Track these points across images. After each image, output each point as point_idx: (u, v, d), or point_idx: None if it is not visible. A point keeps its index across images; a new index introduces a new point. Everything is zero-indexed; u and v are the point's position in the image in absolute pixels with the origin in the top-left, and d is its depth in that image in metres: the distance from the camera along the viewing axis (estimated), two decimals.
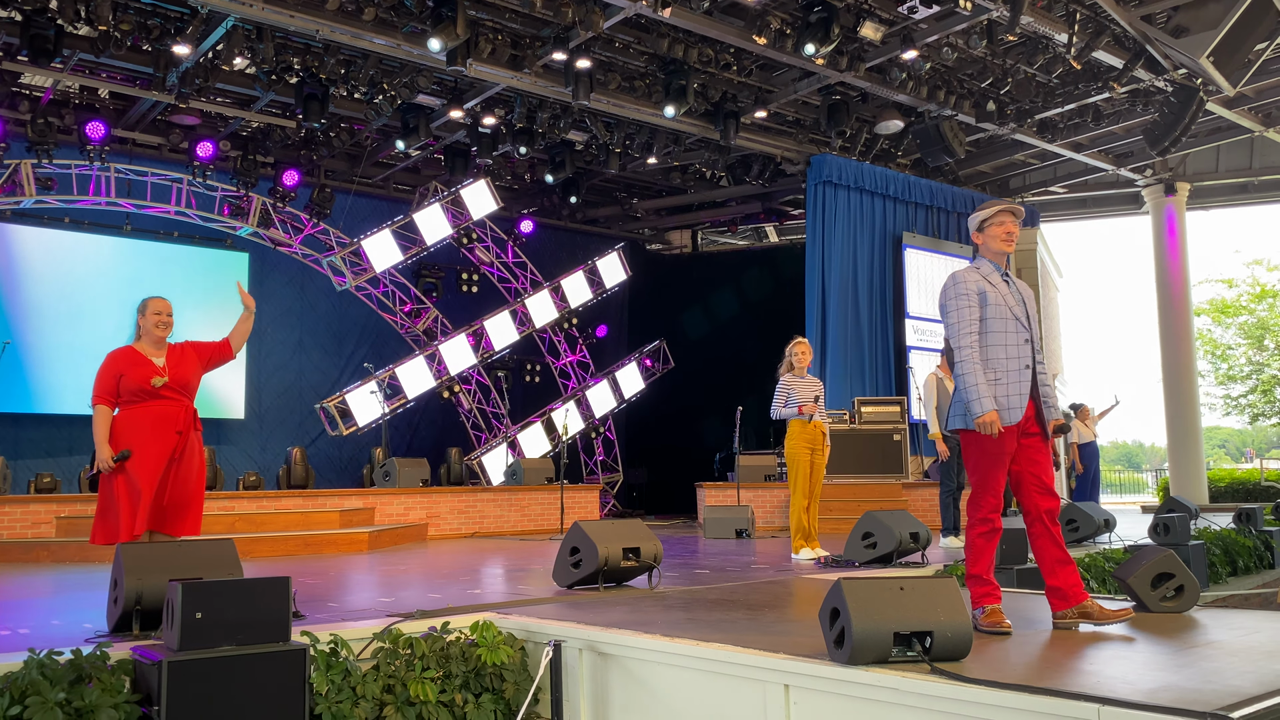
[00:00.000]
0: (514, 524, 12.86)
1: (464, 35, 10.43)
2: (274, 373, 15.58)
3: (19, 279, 13.49)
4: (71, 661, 3.55)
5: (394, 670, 4.00)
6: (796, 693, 3.46)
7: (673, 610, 4.86)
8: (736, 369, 16.60)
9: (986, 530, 4.29)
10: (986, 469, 4.28)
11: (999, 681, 3.00)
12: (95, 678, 3.53)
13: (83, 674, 3.53)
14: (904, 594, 3.45)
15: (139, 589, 4.24)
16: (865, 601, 3.36)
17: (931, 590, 3.49)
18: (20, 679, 3.39)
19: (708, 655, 3.71)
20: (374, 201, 16.25)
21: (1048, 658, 3.55)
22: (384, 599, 5.64)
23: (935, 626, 3.39)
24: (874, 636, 3.31)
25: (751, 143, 14.47)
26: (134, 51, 11.57)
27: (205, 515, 9.98)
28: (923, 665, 3.30)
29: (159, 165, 13.86)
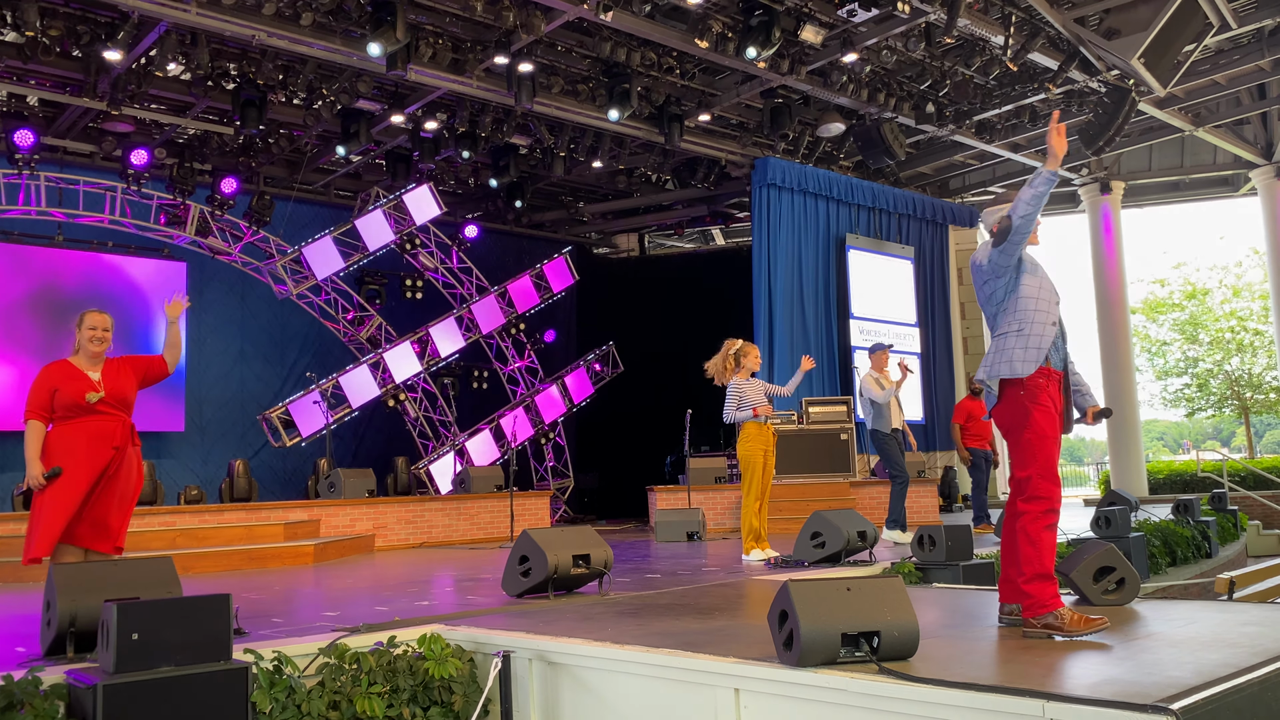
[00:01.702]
0: (463, 533, 12.73)
1: (404, 39, 10.32)
2: (215, 384, 15.27)
3: None
4: (2, 687, 3.44)
5: (340, 686, 3.93)
6: (747, 696, 3.46)
7: (623, 617, 4.84)
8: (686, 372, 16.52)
9: (1052, 522, 3.99)
10: (1048, 452, 4.01)
11: (946, 680, 3.02)
12: (28, 704, 3.42)
13: (14, 700, 3.42)
14: (851, 594, 3.47)
15: (73, 610, 4.11)
16: (813, 603, 3.37)
17: (878, 590, 3.51)
18: None
19: (657, 661, 3.69)
20: (315, 208, 16.01)
21: (993, 654, 3.59)
22: (330, 613, 5.54)
23: (882, 626, 3.41)
24: (822, 638, 3.32)
25: (696, 146, 14.52)
26: (63, 57, 11.28)
27: (146, 531, 9.79)
28: (871, 665, 3.31)
29: (91, 173, 13.53)
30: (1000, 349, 4.11)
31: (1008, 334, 4.11)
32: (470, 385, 17.30)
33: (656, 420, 16.73)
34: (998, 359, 4.11)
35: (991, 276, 4.18)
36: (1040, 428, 4.02)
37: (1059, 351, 4.17)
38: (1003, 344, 4.11)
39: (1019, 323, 4.09)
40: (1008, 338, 4.11)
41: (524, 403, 16.51)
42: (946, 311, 17.27)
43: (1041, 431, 4.02)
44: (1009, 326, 4.12)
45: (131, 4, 9.78)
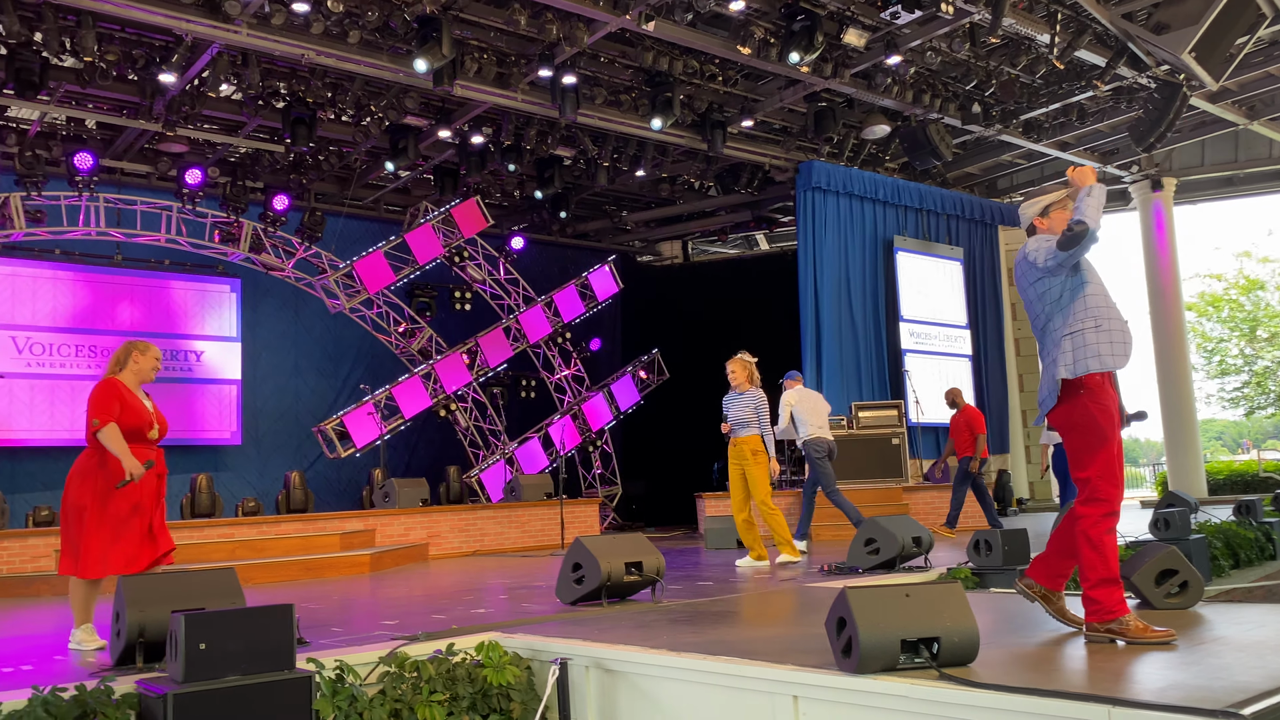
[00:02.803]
0: (514, 541, 12.83)
1: (449, 55, 10.45)
2: (270, 397, 15.56)
3: (11, 311, 13.46)
4: (76, 697, 3.53)
5: (400, 694, 3.98)
6: (806, 703, 3.46)
7: (678, 624, 4.85)
8: None
9: (1114, 525, 3.92)
10: (1109, 454, 3.94)
11: (1008, 685, 2.99)
12: (100, 713, 3.51)
13: (87, 709, 3.51)
14: (910, 600, 3.45)
15: (141, 621, 4.22)
16: (871, 609, 3.35)
17: (937, 595, 3.49)
18: (25, 717, 3.37)
19: (715, 669, 3.70)
20: (365, 223, 16.25)
21: (1055, 659, 3.55)
22: (388, 622, 5.62)
23: (942, 632, 3.39)
24: (881, 644, 3.30)
25: (739, 152, 14.51)
26: (120, 81, 11.57)
27: (206, 543, 10.01)
28: (931, 671, 3.29)
29: (148, 194, 13.85)
30: (1082, 344, 3.96)
31: (1085, 330, 3.98)
32: (519, 394, 17.42)
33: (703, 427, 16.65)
34: (1084, 354, 3.95)
35: (1046, 274, 4.07)
36: (1102, 429, 3.95)
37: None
38: (1081, 340, 3.97)
39: (1094, 319, 3.98)
40: (1085, 334, 3.97)
41: (571, 411, 16.59)
42: (998, 312, 17.06)
43: (1103, 433, 3.94)
44: (1084, 323, 3.99)
45: (184, 27, 10.02)
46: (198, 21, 9.88)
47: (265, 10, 10.07)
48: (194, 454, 14.45)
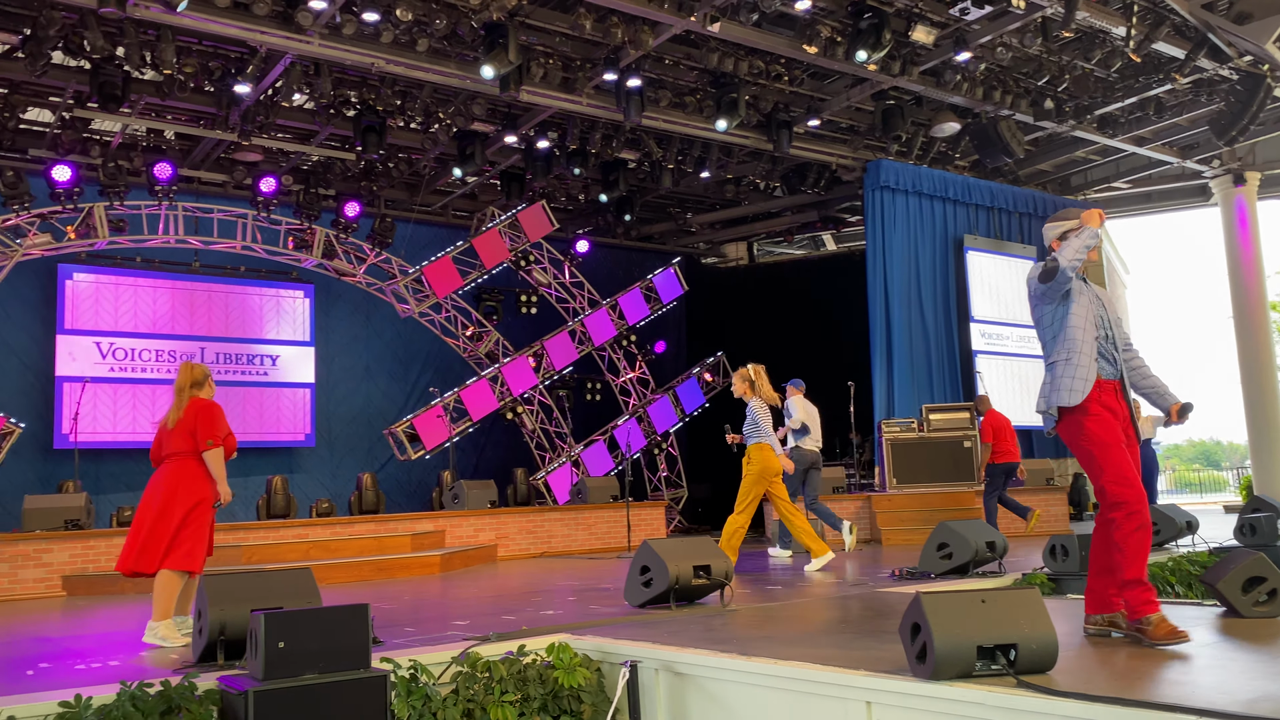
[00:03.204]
0: (581, 543, 12.88)
1: (516, 61, 10.55)
2: (343, 400, 15.86)
3: (95, 318, 13.91)
4: (161, 693, 3.63)
5: (473, 694, 4.03)
6: (879, 709, 3.41)
7: (747, 628, 4.82)
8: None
9: (1138, 525, 3.98)
10: (1112, 458, 4.07)
11: (1090, 694, 2.92)
12: (185, 708, 3.61)
13: (172, 705, 3.61)
14: (986, 606, 3.39)
15: (222, 620, 4.33)
16: (946, 615, 3.30)
17: (1014, 601, 3.42)
18: (114, 711, 3.48)
19: (786, 673, 3.67)
20: (433, 229, 16.48)
21: (1137, 668, 3.46)
22: (459, 622, 5.68)
23: (1020, 638, 3.32)
24: (957, 650, 3.25)
25: (806, 151, 14.40)
26: (197, 93, 11.89)
27: (281, 544, 10.23)
28: (1009, 678, 3.23)
29: (224, 202, 14.21)
30: (1056, 378, 4.31)
31: (1058, 363, 4.32)
32: (584, 397, 17.50)
33: None
34: (1055, 389, 4.30)
35: (1041, 302, 4.43)
36: (1096, 436, 4.15)
37: (1112, 362, 4.32)
38: (1055, 373, 4.32)
39: (1067, 351, 4.29)
40: (1058, 366, 4.32)
41: (636, 413, 16.62)
42: None
43: (1099, 439, 4.14)
44: (1059, 355, 4.33)
45: (259, 39, 10.26)
46: (271, 33, 10.12)
47: (336, 20, 10.27)
48: (269, 456, 14.78)
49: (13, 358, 13.41)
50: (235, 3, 9.83)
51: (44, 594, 9.28)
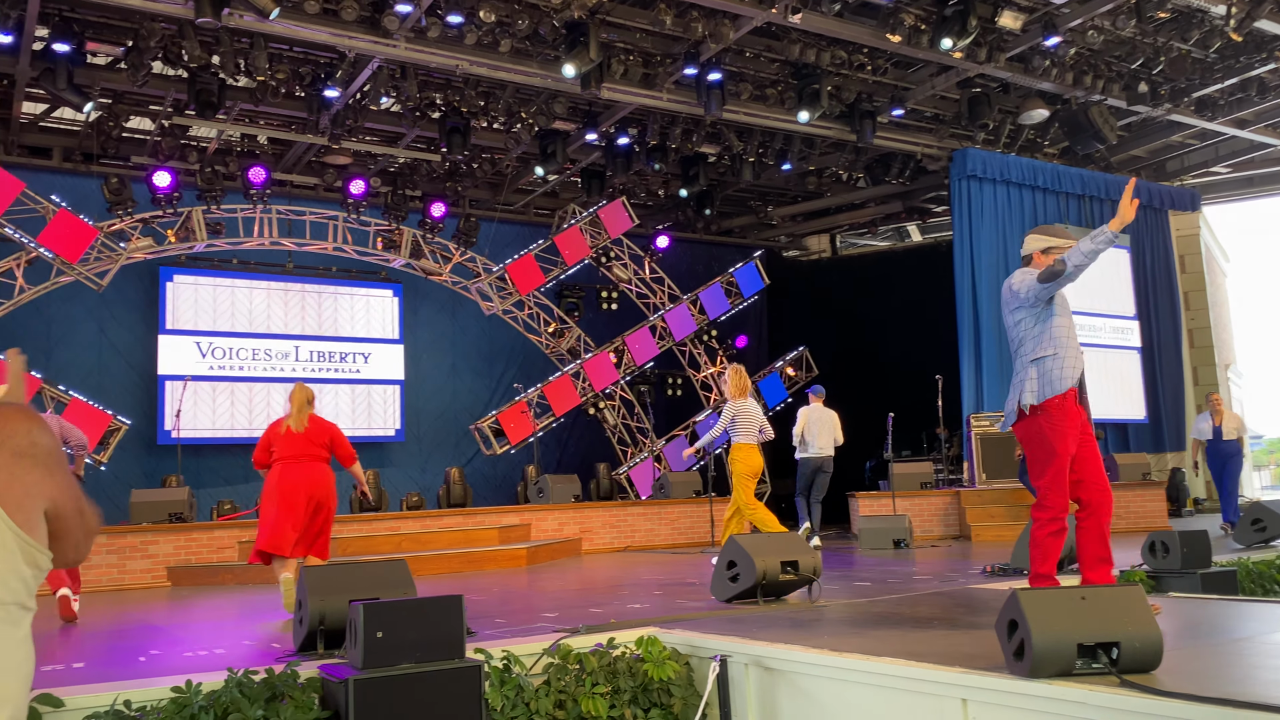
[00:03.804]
0: (664, 537, 12.92)
1: (597, 59, 10.61)
2: (430, 396, 16.18)
3: (195, 318, 14.42)
4: (266, 680, 3.76)
5: (564, 685, 4.08)
6: (975, 707, 3.36)
7: (837, 624, 4.79)
8: (884, 374, 16.24)
9: (1056, 530, 4.47)
10: (1057, 467, 4.45)
11: (1198, 695, 2.83)
12: (288, 695, 3.73)
13: (276, 692, 3.74)
14: (1086, 603, 3.31)
15: (322, 610, 4.45)
16: (1045, 612, 3.23)
17: (1116, 599, 3.33)
18: (222, 697, 3.62)
19: (880, 669, 3.64)
20: (516, 227, 16.68)
21: (1243, 667, 3.34)
22: (548, 614, 5.75)
23: (1122, 637, 3.23)
24: (1056, 648, 3.18)
25: (890, 141, 14.19)
26: (288, 98, 12.24)
27: (375, 536, 10.49)
28: (1110, 677, 3.15)
29: (315, 204, 14.59)
30: (1044, 371, 4.52)
31: (1045, 358, 4.54)
32: (665, 392, 17.52)
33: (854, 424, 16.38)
34: (1045, 380, 4.50)
35: (1024, 305, 4.63)
36: (1051, 445, 4.47)
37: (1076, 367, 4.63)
38: (1044, 367, 4.53)
39: (1054, 346, 4.54)
40: (1045, 361, 4.54)
41: (718, 409, 16.57)
42: (1172, 302, 16.12)
43: (1053, 449, 4.46)
44: (1044, 350, 4.55)
45: (347, 44, 10.51)
46: (359, 37, 10.35)
47: (422, 24, 10.46)
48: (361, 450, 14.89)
49: (118, 358, 13.97)
50: (324, 9, 10.08)
51: (150, 584, 9.67)
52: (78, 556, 1.76)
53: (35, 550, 1.60)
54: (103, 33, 10.77)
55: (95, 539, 1.80)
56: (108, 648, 5.37)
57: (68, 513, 1.68)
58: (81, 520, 1.72)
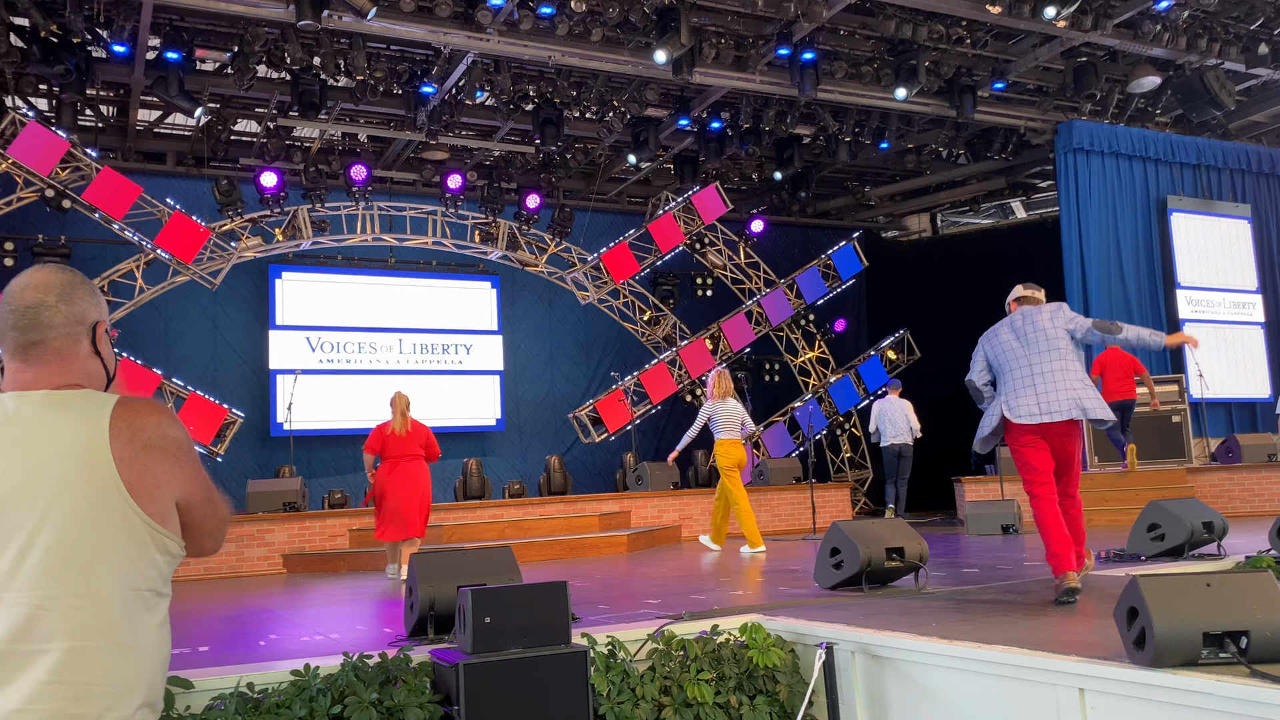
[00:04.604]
0: (764, 524, 12.84)
1: (688, 43, 10.56)
2: (529, 386, 16.40)
3: (304, 314, 14.89)
4: (379, 664, 3.86)
5: (669, 672, 4.09)
6: (1093, 697, 3.25)
7: (946, 611, 4.69)
8: None
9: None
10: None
11: None
12: (401, 679, 3.82)
13: (390, 675, 3.84)
14: (1212, 590, 3.17)
15: (432, 595, 4.55)
16: (1167, 599, 3.11)
17: (1244, 586, 3.18)
18: (339, 680, 3.73)
19: (992, 658, 3.55)
20: (610, 216, 16.75)
21: None
22: (651, 601, 5.77)
23: (1252, 625, 3.09)
24: (1180, 637, 3.05)
25: (991, 116, 13.78)
26: (387, 96, 12.50)
27: (479, 523, 10.68)
28: (1239, 667, 3.01)
29: (415, 200, 14.89)
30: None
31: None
32: (762, 378, 17.39)
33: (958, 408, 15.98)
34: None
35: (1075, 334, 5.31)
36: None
37: None
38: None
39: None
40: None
41: (817, 394, 16.40)
42: None
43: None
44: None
45: (442, 40, 10.69)
46: (453, 33, 10.50)
47: (514, 17, 10.56)
48: (463, 440, 15.44)
49: (232, 353, 14.52)
50: (419, 6, 10.25)
51: (267, 571, 10.04)
52: (212, 546, 1.82)
53: (166, 538, 1.67)
54: (210, 39, 11.17)
55: (227, 530, 1.86)
56: (230, 632, 5.60)
57: (198, 503, 1.74)
58: (213, 511, 1.78)
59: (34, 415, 1.65)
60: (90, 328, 1.79)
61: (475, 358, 15.96)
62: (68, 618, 1.54)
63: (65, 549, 1.57)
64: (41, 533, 1.57)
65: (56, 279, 1.78)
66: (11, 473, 1.60)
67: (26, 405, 1.67)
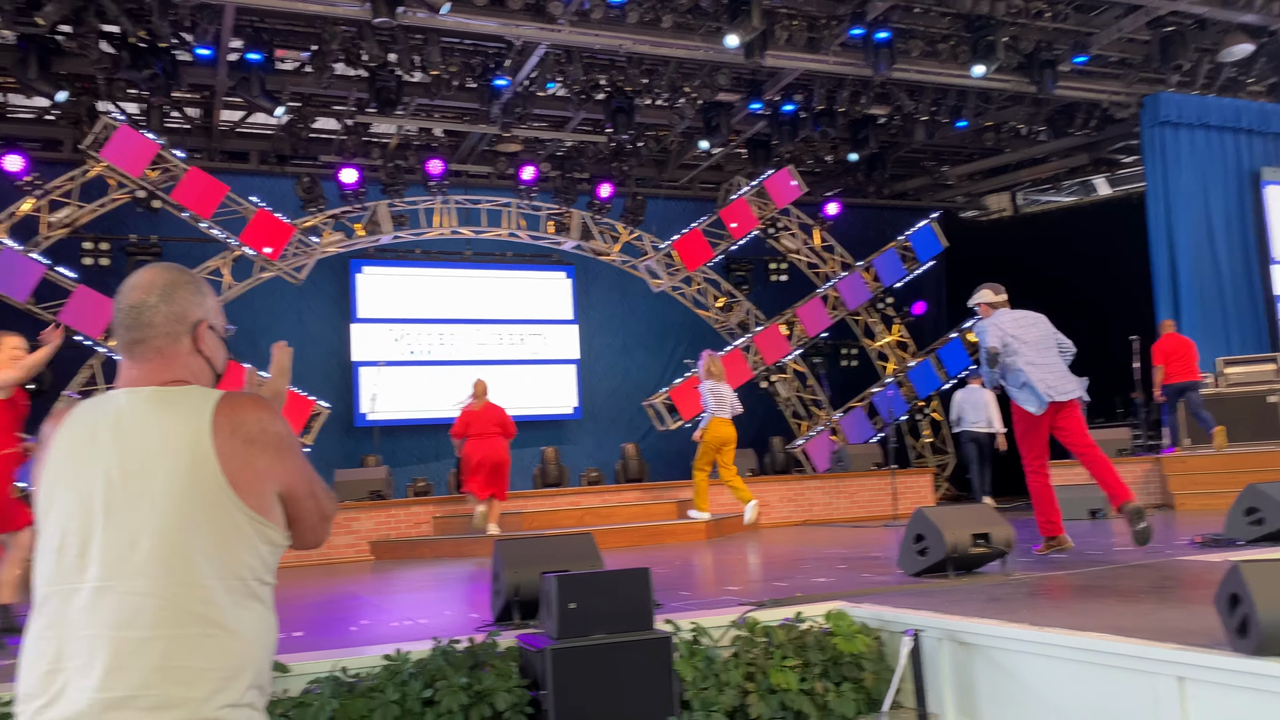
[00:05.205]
0: (843, 511, 12.75)
1: (760, 26, 10.48)
2: (604, 374, 16.50)
3: (386, 307, 15.19)
4: (468, 649, 3.94)
5: (753, 658, 4.09)
6: (1193, 686, 3.16)
7: (1035, 597, 4.61)
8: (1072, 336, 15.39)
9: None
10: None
11: None
12: (489, 664, 3.89)
13: (478, 660, 3.91)
14: None
15: (516, 581, 4.62)
16: (1273, 586, 3.01)
17: None
18: (429, 665, 3.81)
19: (1086, 645, 3.48)
20: (682, 203, 16.72)
21: None
22: (732, 588, 5.78)
23: None
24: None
25: (1073, 91, 13.40)
26: (461, 90, 12.64)
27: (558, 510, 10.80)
28: None
29: (490, 193, 15.04)
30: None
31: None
32: (839, 363, 17.21)
33: None
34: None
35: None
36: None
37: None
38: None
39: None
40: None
41: (896, 378, 16.17)
42: None
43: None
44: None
45: (514, 33, 10.77)
46: (526, 25, 10.59)
47: (585, 7, 10.59)
48: (541, 428, 15.61)
49: (317, 346, 14.87)
50: (491, 0, 10.35)
51: (354, 558, 10.28)
52: (316, 539, 1.87)
53: (269, 529, 1.72)
54: (289, 39, 11.43)
55: (331, 524, 1.90)
56: (322, 618, 5.76)
57: (300, 496, 1.79)
58: (316, 504, 1.83)
59: (142, 411, 1.72)
60: (191, 326, 1.84)
61: (551, 347, 16.11)
62: (175, 606, 1.60)
63: (172, 540, 1.63)
64: (149, 524, 1.63)
65: (160, 279, 1.85)
66: (121, 466, 1.66)
67: (136, 401, 1.74)
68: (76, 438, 1.72)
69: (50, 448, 1.75)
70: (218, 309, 1.94)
